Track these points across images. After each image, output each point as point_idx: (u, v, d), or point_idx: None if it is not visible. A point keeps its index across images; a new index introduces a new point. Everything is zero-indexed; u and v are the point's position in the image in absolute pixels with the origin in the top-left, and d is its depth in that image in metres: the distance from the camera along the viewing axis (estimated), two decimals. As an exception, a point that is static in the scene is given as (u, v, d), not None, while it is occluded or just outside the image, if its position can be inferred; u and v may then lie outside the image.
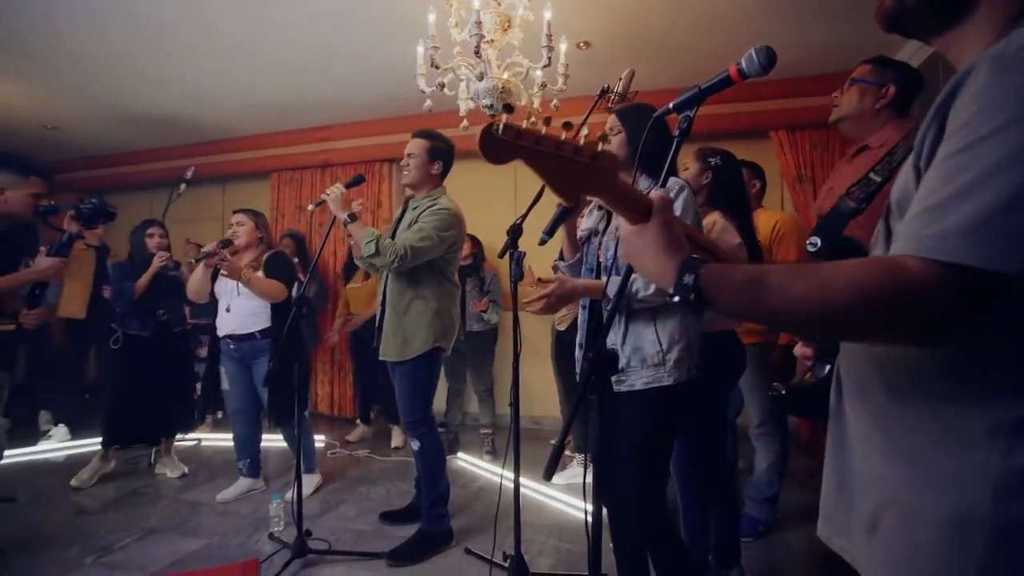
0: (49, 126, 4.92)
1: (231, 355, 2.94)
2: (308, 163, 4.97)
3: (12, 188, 2.18)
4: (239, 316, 2.85)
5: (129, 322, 3.24)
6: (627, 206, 0.76)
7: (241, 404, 2.97)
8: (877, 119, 1.69)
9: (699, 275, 0.65)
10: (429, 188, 2.45)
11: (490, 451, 3.61)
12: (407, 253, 2.20)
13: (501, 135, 0.67)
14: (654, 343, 1.57)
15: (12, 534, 2.53)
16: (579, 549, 2.39)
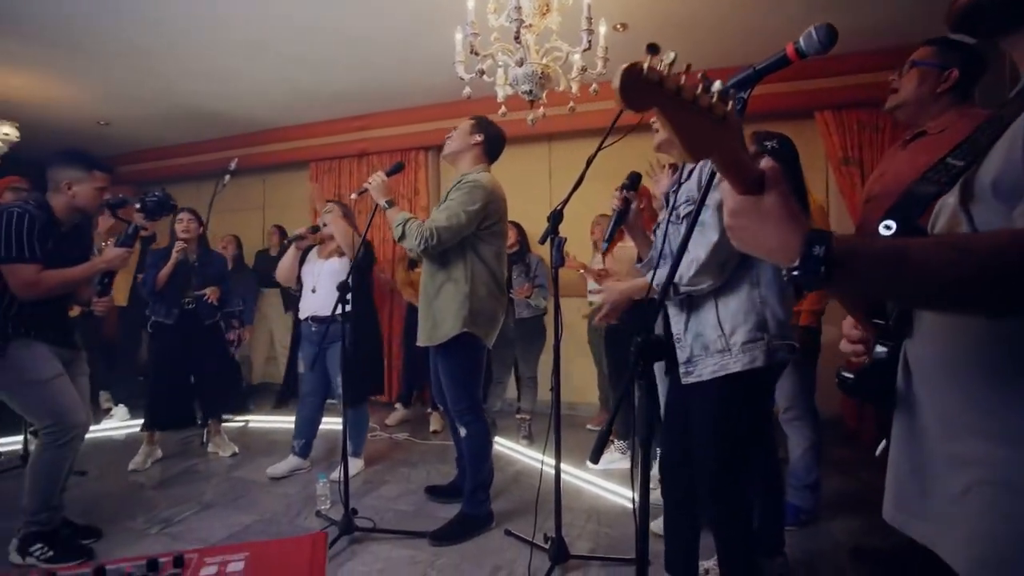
0: (102, 122, 5.14)
1: (311, 338, 3.05)
2: (345, 152, 5.06)
3: (79, 183, 2.27)
4: (323, 297, 2.91)
5: (156, 309, 3.35)
6: (742, 174, 0.70)
7: (312, 388, 3.11)
8: (937, 104, 1.63)
9: (831, 247, 0.61)
10: (469, 162, 2.39)
11: (527, 436, 3.65)
12: (432, 235, 2.17)
13: (646, 76, 0.59)
14: (715, 328, 1.50)
15: (84, 505, 2.71)
16: (617, 533, 2.41)
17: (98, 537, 2.39)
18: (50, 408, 2.15)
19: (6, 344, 2.10)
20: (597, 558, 2.15)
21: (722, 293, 1.51)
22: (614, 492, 2.80)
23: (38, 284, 2.12)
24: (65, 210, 2.26)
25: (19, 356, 2.12)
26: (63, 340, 2.29)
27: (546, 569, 2.02)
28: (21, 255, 2.08)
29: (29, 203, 2.17)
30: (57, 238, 2.22)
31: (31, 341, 2.16)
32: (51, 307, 2.24)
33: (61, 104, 4.61)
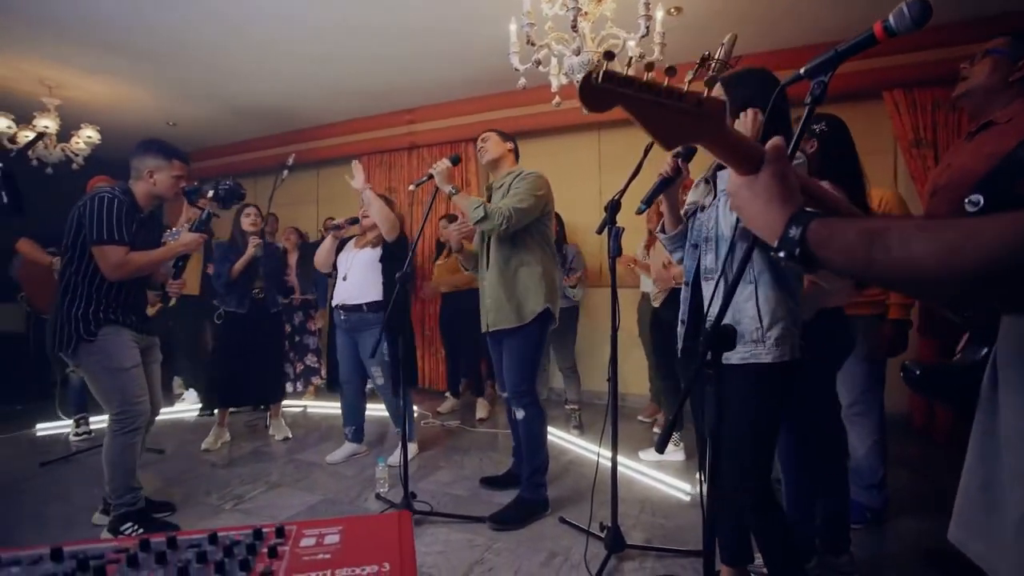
0: (170, 123, 5.44)
1: (341, 326, 3.14)
2: (396, 146, 5.16)
3: (159, 171, 2.38)
4: (354, 286, 3.03)
5: (228, 300, 3.52)
6: (738, 156, 0.71)
7: (349, 375, 3.19)
8: (1006, 93, 1.63)
9: (807, 228, 0.61)
10: (507, 166, 2.55)
11: (577, 426, 3.66)
12: (512, 214, 2.29)
13: (600, 82, 0.64)
14: (754, 319, 1.50)
15: (163, 481, 2.91)
16: (673, 525, 2.40)
17: (172, 511, 2.55)
18: (122, 396, 2.26)
19: (98, 329, 2.24)
20: (654, 548, 2.15)
21: (762, 286, 1.51)
22: (668, 484, 2.78)
23: (125, 265, 2.25)
24: (145, 197, 2.40)
25: (107, 342, 2.24)
26: (142, 326, 2.42)
27: (602, 558, 2.03)
28: (112, 237, 2.21)
29: (115, 189, 2.31)
30: (138, 223, 2.35)
31: (119, 328, 2.29)
32: (135, 293, 2.39)
33: (134, 108, 4.91)
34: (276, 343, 3.80)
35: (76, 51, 3.71)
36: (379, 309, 3.00)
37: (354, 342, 3.10)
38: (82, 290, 2.25)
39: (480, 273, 2.56)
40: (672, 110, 0.66)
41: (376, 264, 3.04)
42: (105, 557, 0.72)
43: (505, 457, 3.17)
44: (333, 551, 0.73)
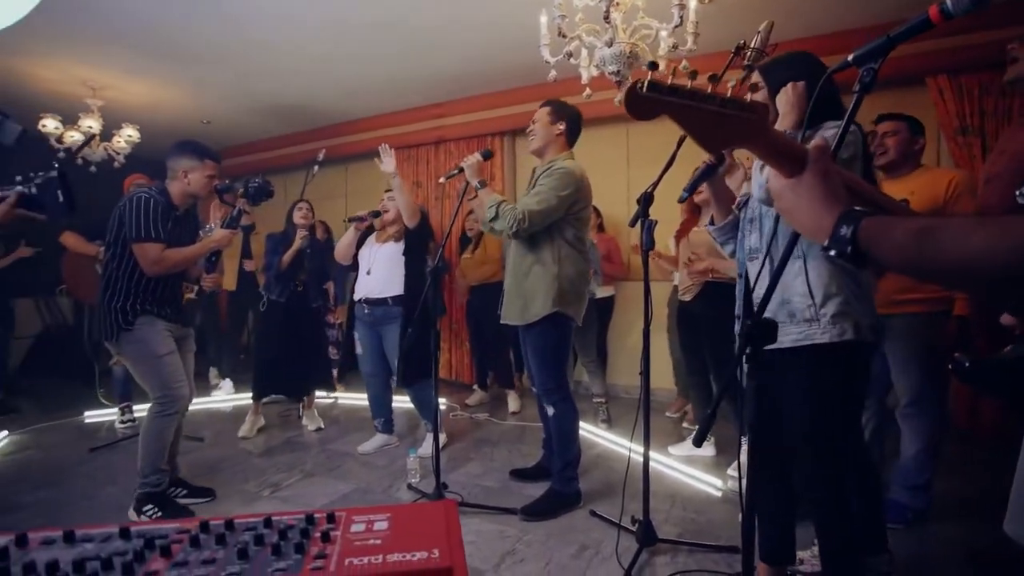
0: (205, 121, 5.59)
1: (364, 319, 3.18)
2: (423, 140, 5.19)
3: (193, 170, 2.49)
4: (378, 280, 3.07)
5: (272, 289, 3.62)
6: (781, 157, 0.72)
7: (373, 368, 3.23)
8: None
9: (859, 227, 0.61)
10: (554, 152, 2.43)
11: (605, 420, 3.65)
12: (524, 217, 2.23)
13: (646, 92, 0.66)
14: (804, 296, 1.42)
15: (203, 468, 3.02)
16: (704, 520, 2.38)
17: (212, 497, 2.65)
18: (161, 381, 2.40)
19: (135, 319, 2.37)
20: (686, 543, 2.13)
21: (812, 260, 1.42)
22: (698, 479, 2.76)
23: (163, 261, 2.37)
24: (180, 195, 2.50)
25: (143, 331, 2.38)
26: (177, 317, 2.54)
27: (634, 551, 2.03)
28: (148, 235, 2.33)
29: (152, 190, 2.43)
30: (174, 221, 2.46)
31: (154, 318, 2.42)
32: (170, 286, 2.50)
33: (171, 107, 5.05)
34: (314, 335, 3.88)
35: (118, 54, 3.84)
36: (403, 303, 3.03)
37: (378, 335, 3.14)
38: (122, 284, 2.39)
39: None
40: (717, 116, 0.68)
41: (399, 258, 3.07)
42: (169, 537, 0.75)
43: (534, 450, 3.18)
44: (383, 537, 0.75)
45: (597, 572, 1.99)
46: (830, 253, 0.65)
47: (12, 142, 1.73)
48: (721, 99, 0.68)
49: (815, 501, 1.52)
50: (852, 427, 1.51)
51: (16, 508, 2.55)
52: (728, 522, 2.35)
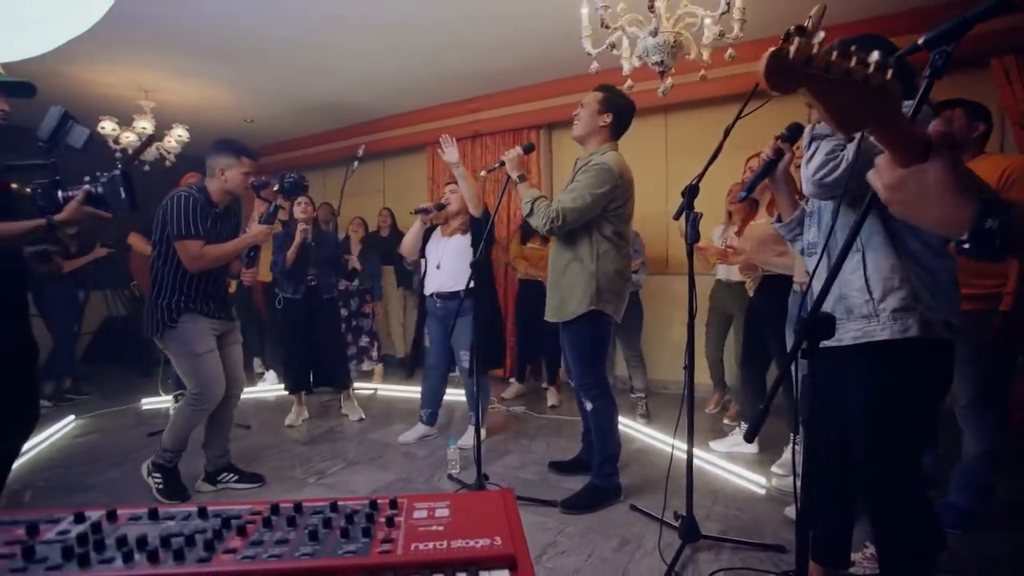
0: (247, 120, 5.76)
1: (435, 313, 3.22)
2: (459, 134, 5.16)
3: (230, 168, 2.54)
4: (449, 274, 3.10)
5: (285, 286, 3.69)
6: (904, 143, 0.67)
7: (437, 360, 3.28)
8: None
9: (1007, 219, 0.57)
10: (597, 143, 2.38)
11: (644, 415, 3.62)
12: (558, 216, 2.21)
13: (792, 58, 0.61)
14: (862, 291, 1.35)
15: (252, 454, 3.14)
16: (749, 517, 2.34)
17: (262, 483, 2.75)
18: (198, 378, 2.49)
19: (179, 316, 2.45)
20: (729, 540, 2.10)
21: (871, 252, 1.35)
22: (741, 476, 2.71)
23: (203, 257, 2.44)
24: (219, 193, 2.56)
25: (186, 328, 2.46)
26: (221, 312, 2.61)
27: (676, 547, 2.01)
28: (189, 232, 2.41)
29: (191, 188, 2.51)
30: (213, 218, 2.53)
31: (197, 316, 2.49)
32: (213, 282, 2.57)
33: (216, 107, 5.23)
34: (333, 327, 3.92)
35: (169, 56, 4.00)
36: (472, 296, 3.06)
37: (447, 329, 3.19)
38: (167, 281, 2.47)
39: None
40: (856, 93, 0.64)
41: (468, 250, 3.09)
42: (243, 517, 0.79)
43: (571, 443, 3.19)
44: (445, 523, 0.77)
45: (639, 566, 1.98)
46: (964, 247, 0.62)
47: (80, 145, 1.84)
48: (864, 75, 0.63)
49: (872, 504, 1.47)
50: (916, 429, 1.41)
51: (88, 487, 2.71)
52: (773, 520, 2.30)
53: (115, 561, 0.70)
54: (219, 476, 2.71)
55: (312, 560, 0.69)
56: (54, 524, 0.80)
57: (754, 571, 1.91)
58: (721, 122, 1.88)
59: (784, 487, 2.56)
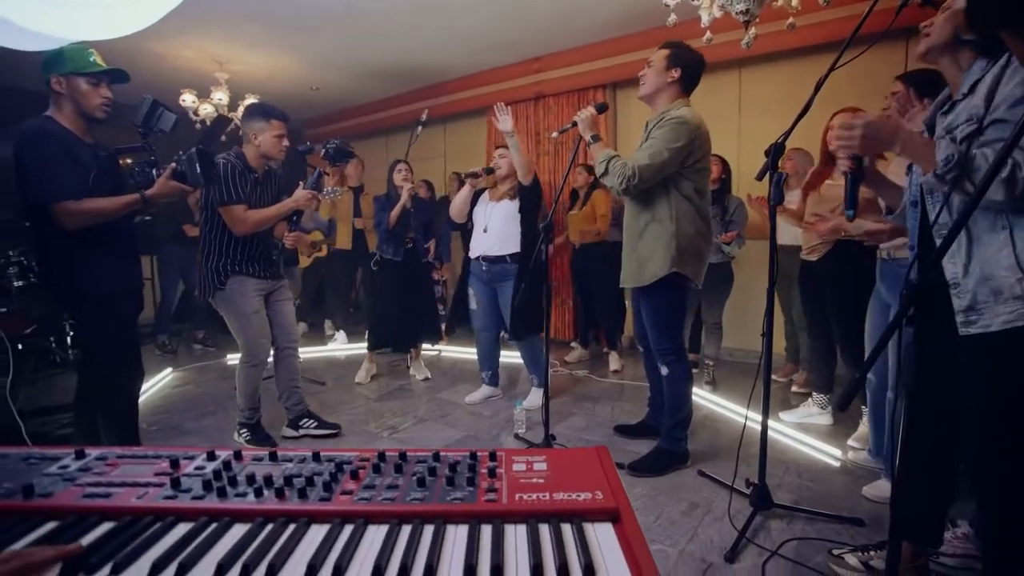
0: (314, 87, 5.89)
1: (481, 276, 3.27)
2: (522, 96, 5.13)
3: (261, 132, 2.59)
4: (495, 238, 3.14)
5: (385, 248, 3.81)
6: None
7: (485, 323, 3.35)
8: None
9: None
10: (667, 100, 2.29)
11: (710, 382, 3.56)
12: (635, 174, 2.14)
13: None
14: (1011, 270, 1.19)
15: (328, 408, 3.34)
16: (822, 489, 2.29)
17: (338, 431, 2.95)
18: (246, 337, 2.66)
19: (227, 279, 2.60)
20: (803, 510, 2.06)
21: (1020, 230, 1.19)
22: (814, 447, 2.63)
23: (246, 221, 2.55)
24: (255, 158, 2.63)
25: (233, 291, 2.60)
26: (267, 272, 2.73)
27: (747, 514, 2.00)
28: (230, 197, 2.51)
29: (229, 154, 2.59)
30: (252, 183, 2.62)
31: (244, 277, 2.62)
32: (258, 244, 2.68)
33: (285, 76, 5.38)
34: (428, 289, 4.10)
35: (242, 28, 4.13)
36: (520, 260, 3.08)
37: (493, 291, 3.23)
38: (214, 246, 2.60)
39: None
40: None
41: (516, 215, 3.10)
42: (353, 463, 0.85)
43: (636, 407, 3.19)
44: (545, 477, 0.80)
45: (708, 530, 1.99)
46: None
47: (169, 128, 2.05)
48: None
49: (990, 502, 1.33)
50: None
51: (187, 432, 3.00)
52: (849, 494, 2.24)
53: (248, 495, 0.77)
54: (300, 422, 2.92)
55: (423, 504, 0.73)
56: (191, 460, 0.89)
57: (830, 542, 1.87)
58: (801, 76, 1.76)
59: (861, 461, 2.47)
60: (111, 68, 2.01)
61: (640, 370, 4.10)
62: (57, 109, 1.98)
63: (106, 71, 1.99)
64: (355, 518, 0.72)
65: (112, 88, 2.03)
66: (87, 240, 1.96)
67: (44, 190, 1.89)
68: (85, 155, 1.97)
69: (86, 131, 2.03)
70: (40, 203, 1.90)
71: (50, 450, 0.93)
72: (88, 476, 0.84)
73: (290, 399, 2.91)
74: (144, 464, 0.88)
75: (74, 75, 1.94)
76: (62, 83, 1.95)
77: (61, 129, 1.95)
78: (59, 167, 1.90)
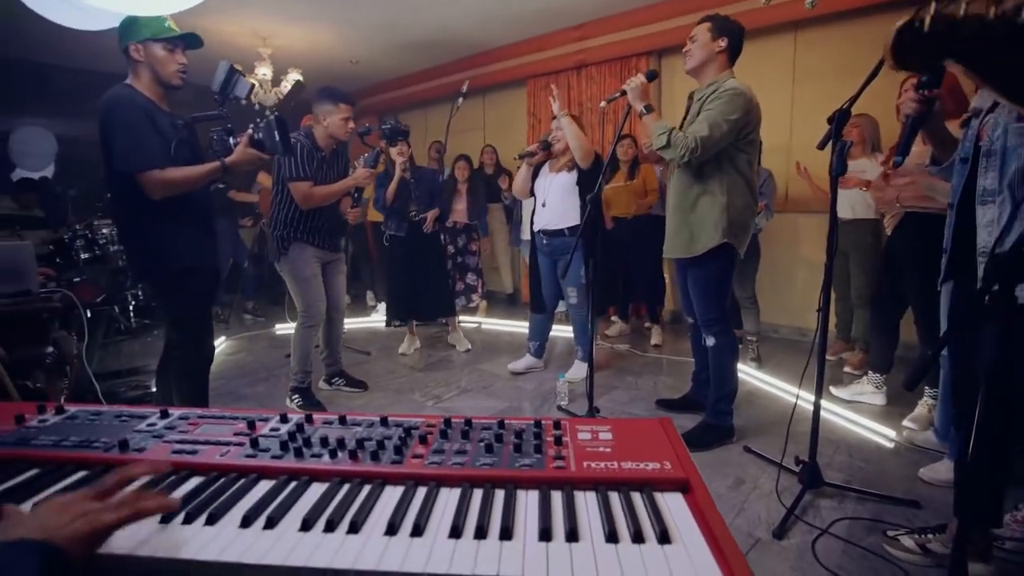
0: (353, 61, 5.90)
1: (543, 250, 3.27)
2: (563, 66, 5.01)
3: (330, 114, 2.75)
4: (553, 212, 3.11)
5: (388, 224, 3.83)
6: None
7: (547, 296, 3.35)
8: None
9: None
10: (716, 71, 2.25)
11: (755, 358, 3.49)
12: (696, 145, 2.11)
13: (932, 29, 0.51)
14: None
15: (374, 377, 3.43)
16: (875, 469, 2.23)
17: (366, 388, 3.18)
18: (304, 299, 2.84)
19: (288, 245, 2.79)
20: (857, 490, 2.02)
21: None
22: (865, 427, 2.56)
23: (311, 196, 2.74)
24: (323, 138, 2.80)
25: (294, 256, 2.80)
26: (326, 243, 2.91)
27: (795, 491, 1.97)
28: (298, 174, 2.70)
29: (300, 134, 2.73)
30: (319, 161, 2.79)
31: (304, 245, 2.81)
32: (320, 217, 2.85)
33: (324, 50, 5.40)
34: (437, 262, 4.05)
35: (282, 1, 4.13)
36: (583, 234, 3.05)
37: (555, 264, 3.22)
38: (281, 216, 2.81)
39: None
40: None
41: (573, 188, 3.06)
42: (421, 428, 0.88)
43: (678, 382, 3.17)
44: (611, 446, 0.80)
45: (755, 506, 1.97)
46: None
47: (245, 95, 2.03)
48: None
49: None
50: None
51: (243, 397, 3.14)
52: (904, 475, 2.17)
53: (323, 456, 0.81)
54: (332, 380, 3.19)
55: (493, 470, 0.75)
56: (265, 422, 0.93)
57: (884, 524, 1.83)
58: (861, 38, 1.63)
59: (919, 442, 2.39)
60: (186, 33, 1.97)
61: (681, 345, 4.07)
62: (136, 77, 1.95)
63: (181, 36, 1.95)
64: (427, 481, 0.74)
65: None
66: (168, 213, 1.94)
67: (132, 159, 1.85)
68: (165, 123, 1.94)
69: (163, 99, 2.00)
70: (128, 171, 1.85)
71: (138, 409, 0.99)
72: (174, 434, 0.89)
73: (330, 359, 3.16)
74: (223, 424, 0.93)
75: (151, 41, 1.90)
76: (140, 50, 1.90)
77: (142, 97, 1.92)
78: (145, 135, 1.87)
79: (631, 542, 0.61)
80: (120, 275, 4.68)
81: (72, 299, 2.38)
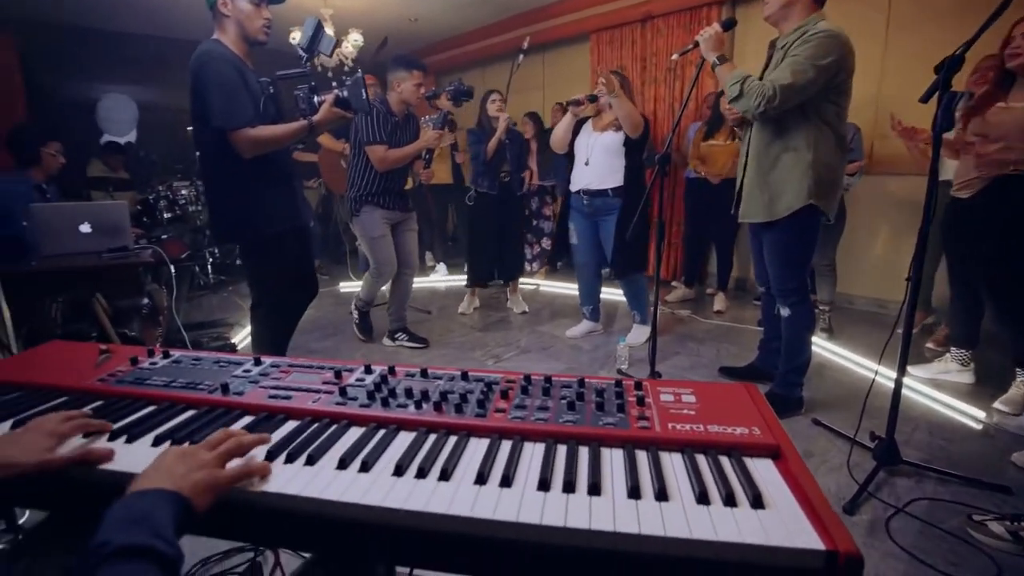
0: (412, 19, 5.84)
1: (582, 210, 3.17)
2: (627, 19, 4.76)
3: (403, 81, 2.90)
4: (596, 171, 3.03)
5: (481, 181, 3.77)
6: None
7: (586, 258, 3.29)
8: None
9: None
10: (800, 14, 2.02)
11: (826, 328, 3.33)
12: (775, 94, 1.91)
13: None
14: None
15: (435, 335, 3.53)
16: (958, 450, 2.10)
17: (427, 344, 3.32)
18: (374, 256, 3.12)
19: (361, 207, 3.02)
20: (938, 471, 1.91)
21: None
22: (951, 406, 2.41)
23: (386, 159, 2.93)
24: (397, 103, 2.96)
25: (365, 217, 3.04)
26: (395, 205, 3.10)
27: (868, 468, 1.89)
28: (374, 138, 2.89)
29: (375, 100, 2.87)
30: (393, 125, 2.95)
31: (374, 207, 3.02)
32: (391, 180, 3.04)
33: (383, 9, 5.37)
34: (520, 224, 4.14)
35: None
36: (622, 194, 2.97)
37: (595, 225, 3.15)
38: (355, 179, 3.03)
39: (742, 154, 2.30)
40: None
41: (620, 148, 2.96)
42: (501, 383, 0.89)
43: (742, 350, 3.07)
44: (696, 409, 0.79)
45: (825, 480, 1.91)
46: None
47: (329, 51, 2.01)
48: None
49: None
50: None
51: (314, 351, 3.31)
52: (992, 459, 2.04)
53: (408, 407, 0.83)
54: (395, 335, 3.35)
55: (576, 427, 0.76)
56: (350, 372, 0.97)
57: (968, 507, 1.73)
58: None
59: (1012, 428, 2.22)
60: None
61: (744, 312, 3.93)
62: (223, 32, 1.91)
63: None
64: (512, 435, 0.76)
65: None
66: (259, 175, 1.93)
67: (228, 116, 1.81)
68: (253, 80, 1.91)
69: (248, 55, 1.96)
70: (224, 128, 1.82)
71: (234, 356, 1.06)
72: (268, 380, 0.95)
73: (395, 315, 3.34)
74: (312, 373, 0.98)
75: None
76: (228, 5, 1.87)
77: (231, 53, 1.89)
78: (239, 92, 1.83)
79: (723, 505, 0.60)
80: (199, 233, 4.99)
81: (162, 255, 2.56)
